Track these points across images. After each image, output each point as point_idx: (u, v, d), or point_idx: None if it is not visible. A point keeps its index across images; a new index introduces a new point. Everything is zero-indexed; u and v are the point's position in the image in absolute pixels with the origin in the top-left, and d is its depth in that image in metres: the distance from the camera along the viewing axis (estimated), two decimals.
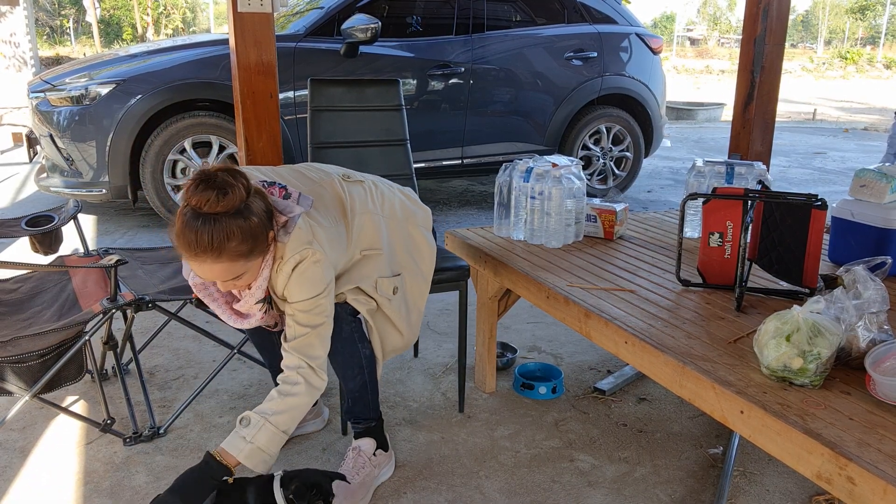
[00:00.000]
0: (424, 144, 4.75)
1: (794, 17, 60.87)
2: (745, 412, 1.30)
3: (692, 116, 12.10)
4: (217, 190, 1.42)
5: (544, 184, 2.22)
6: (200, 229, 1.42)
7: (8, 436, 2.10)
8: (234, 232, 1.43)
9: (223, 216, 1.42)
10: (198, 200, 1.42)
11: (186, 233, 1.43)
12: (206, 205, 1.41)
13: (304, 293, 1.58)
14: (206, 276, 1.52)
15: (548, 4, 5.25)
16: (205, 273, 1.50)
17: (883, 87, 22.60)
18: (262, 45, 2.74)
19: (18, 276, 2.35)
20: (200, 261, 1.46)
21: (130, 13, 25.79)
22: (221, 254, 1.44)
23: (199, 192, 1.42)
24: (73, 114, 4.15)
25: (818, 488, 1.89)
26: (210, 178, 1.44)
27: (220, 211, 1.42)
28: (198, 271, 1.51)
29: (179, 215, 1.45)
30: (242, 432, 1.52)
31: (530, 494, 1.88)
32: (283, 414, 1.55)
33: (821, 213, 1.70)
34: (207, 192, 1.41)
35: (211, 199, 1.41)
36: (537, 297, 1.97)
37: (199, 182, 1.43)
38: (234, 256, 1.46)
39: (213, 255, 1.44)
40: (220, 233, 1.42)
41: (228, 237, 1.43)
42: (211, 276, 1.51)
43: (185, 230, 1.43)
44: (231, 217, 1.43)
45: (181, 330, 2.80)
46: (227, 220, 1.43)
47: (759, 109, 3.30)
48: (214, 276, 1.50)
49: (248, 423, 1.53)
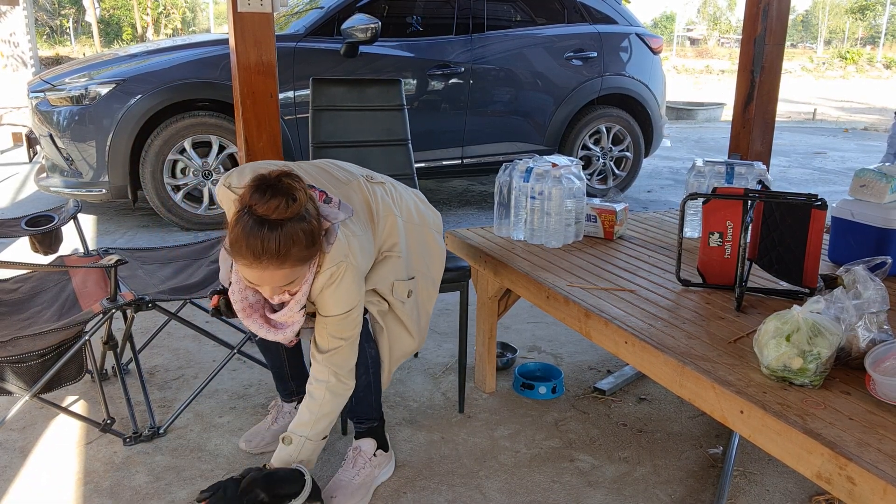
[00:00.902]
0: (425, 144, 4.75)
1: (794, 17, 60.88)
2: (744, 412, 1.30)
3: (692, 116, 12.11)
4: (286, 196, 1.40)
5: (544, 184, 2.22)
6: (267, 236, 1.39)
7: (8, 436, 2.10)
8: (299, 236, 1.42)
9: (288, 221, 1.41)
10: (266, 208, 1.39)
11: (251, 240, 1.40)
12: (275, 212, 1.39)
13: (339, 308, 1.59)
14: (262, 282, 1.48)
15: (548, 4, 5.25)
16: (263, 279, 1.47)
17: (883, 87, 22.60)
18: (262, 45, 2.74)
19: (18, 276, 2.35)
20: (263, 267, 1.43)
21: (130, 13, 25.80)
22: (286, 260, 1.43)
23: (268, 200, 1.39)
24: (72, 114, 4.15)
25: (818, 488, 1.90)
26: (274, 184, 1.42)
27: (287, 217, 1.41)
28: (254, 277, 1.47)
29: (238, 222, 1.42)
30: (287, 450, 1.67)
31: (530, 494, 1.88)
32: (318, 426, 1.68)
33: (821, 213, 1.70)
34: (276, 199, 1.39)
35: (280, 206, 1.39)
36: (537, 297, 1.97)
37: (264, 189, 1.41)
38: (296, 262, 1.46)
39: (279, 261, 1.42)
40: (287, 238, 1.41)
41: (294, 242, 1.42)
42: (269, 282, 1.48)
43: (250, 237, 1.40)
44: (296, 221, 1.42)
45: (181, 330, 2.80)
46: (292, 225, 1.41)
47: (759, 109, 3.30)
48: (273, 282, 1.48)
49: (291, 443, 1.67)
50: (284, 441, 1.68)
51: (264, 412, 2.24)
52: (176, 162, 4.34)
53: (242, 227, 1.41)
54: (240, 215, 1.42)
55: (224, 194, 1.62)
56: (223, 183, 1.62)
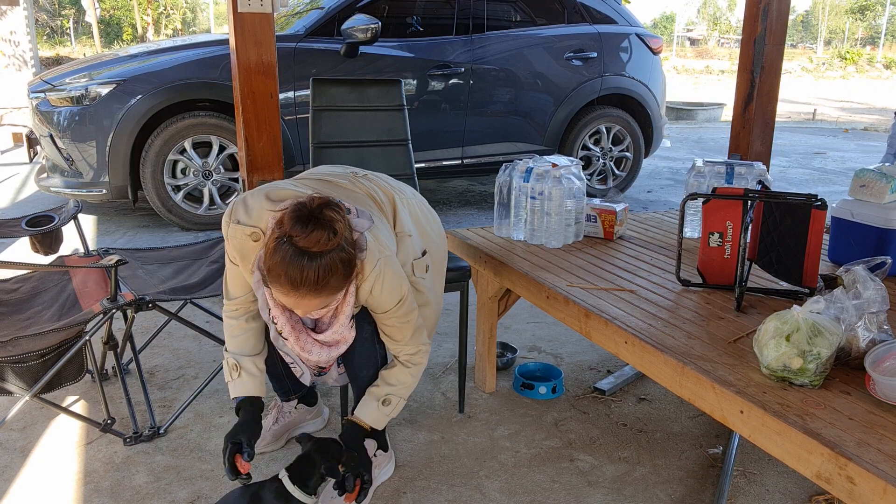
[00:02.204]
0: (425, 144, 4.75)
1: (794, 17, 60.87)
2: (744, 412, 1.30)
3: (692, 116, 12.11)
4: (328, 230, 1.40)
5: (544, 184, 2.23)
6: (307, 266, 1.40)
7: (8, 436, 2.10)
8: (338, 267, 1.43)
9: (327, 253, 1.41)
10: (307, 241, 1.39)
11: (291, 270, 1.40)
12: (317, 245, 1.39)
13: (394, 300, 1.63)
14: (297, 308, 1.51)
15: (548, 4, 5.25)
16: (298, 305, 1.48)
17: (883, 87, 22.60)
18: (262, 45, 2.74)
19: (19, 276, 2.35)
20: (300, 296, 1.44)
21: (130, 13, 25.80)
22: (324, 289, 1.44)
23: (310, 232, 1.39)
24: (73, 114, 4.15)
25: (818, 488, 1.90)
26: (315, 215, 1.41)
27: (327, 249, 1.41)
28: (289, 303, 1.49)
29: (277, 250, 1.41)
30: (385, 410, 1.75)
31: (530, 494, 1.88)
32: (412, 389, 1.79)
33: (821, 213, 1.70)
34: (318, 233, 1.39)
35: (322, 240, 1.39)
36: (537, 297, 1.97)
37: (305, 220, 1.40)
38: (333, 290, 1.47)
39: (316, 290, 1.43)
40: (325, 269, 1.41)
41: (333, 272, 1.43)
42: (305, 308, 1.50)
43: (290, 267, 1.40)
44: (335, 252, 1.42)
45: (181, 330, 2.80)
46: (332, 256, 1.42)
47: (759, 109, 3.30)
48: (308, 308, 1.50)
49: (390, 403, 1.75)
50: (384, 402, 1.73)
51: (264, 412, 2.24)
52: (176, 162, 4.34)
53: (282, 256, 1.40)
54: (279, 243, 1.41)
55: (234, 231, 1.58)
56: (230, 220, 1.59)
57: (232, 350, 1.74)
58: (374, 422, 1.74)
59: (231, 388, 1.74)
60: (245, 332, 1.74)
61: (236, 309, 1.72)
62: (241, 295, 1.70)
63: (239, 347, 1.74)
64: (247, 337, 1.74)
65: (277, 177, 2.88)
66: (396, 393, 1.75)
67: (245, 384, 1.73)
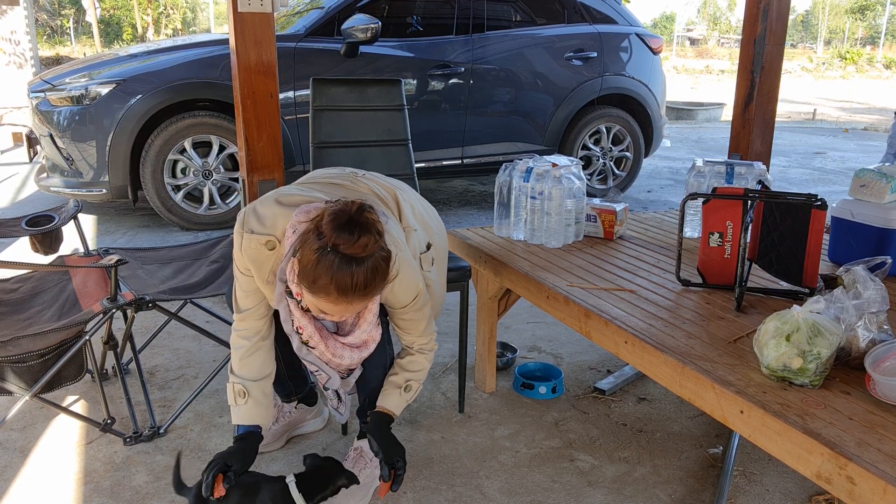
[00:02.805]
0: (425, 144, 4.75)
1: (794, 17, 60.87)
2: (744, 412, 1.30)
3: (692, 116, 12.11)
4: (373, 233, 1.40)
5: (544, 184, 2.22)
6: (356, 272, 1.39)
7: (8, 436, 2.10)
8: (382, 266, 1.44)
9: (372, 255, 1.41)
10: (355, 248, 1.38)
11: (340, 278, 1.38)
12: (366, 250, 1.39)
13: (412, 295, 1.65)
14: (341, 313, 1.50)
15: (548, 4, 5.25)
16: (342, 311, 1.48)
17: (883, 87, 22.60)
18: (262, 45, 2.74)
19: (19, 276, 2.35)
20: (347, 301, 1.43)
21: (130, 13, 25.79)
22: (372, 291, 1.45)
23: (356, 240, 1.38)
24: (73, 114, 4.15)
25: (818, 488, 1.90)
26: (356, 221, 1.40)
27: (372, 252, 1.41)
28: (334, 310, 1.47)
29: (321, 260, 1.38)
30: (406, 396, 1.77)
31: (530, 494, 1.88)
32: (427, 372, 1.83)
33: (821, 213, 1.70)
34: (364, 238, 1.38)
35: (370, 244, 1.39)
36: (537, 297, 1.97)
37: (350, 227, 1.39)
38: (378, 290, 1.48)
39: (364, 294, 1.43)
40: (373, 272, 1.42)
41: (379, 273, 1.43)
42: (348, 312, 1.50)
43: (339, 275, 1.38)
44: (378, 252, 1.42)
45: (181, 330, 2.80)
46: (375, 257, 1.42)
47: (759, 109, 3.30)
48: (351, 312, 1.51)
49: (410, 389, 1.77)
50: (406, 389, 1.76)
51: None
52: (176, 162, 4.34)
53: (328, 265, 1.38)
54: (322, 253, 1.39)
55: (248, 242, 1.55)
56: (243, 230, 1.56)
57: (240, 375, 1.68)
58: (396, 407, 1.76)
59: (235, 413, 1.68)
60: (255, 353, 1.69)
61: (247, 328, 1.68)
62: (252, 306, 1.66)
63: (248, 371, 1.68)
64: (257, 358, 1.69)
65: (277, 177, 2.88)
66: (416, 378, 1.78)
67: (251, 412, 1.68)
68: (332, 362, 1.68)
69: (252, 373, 1.68)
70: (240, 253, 1.58)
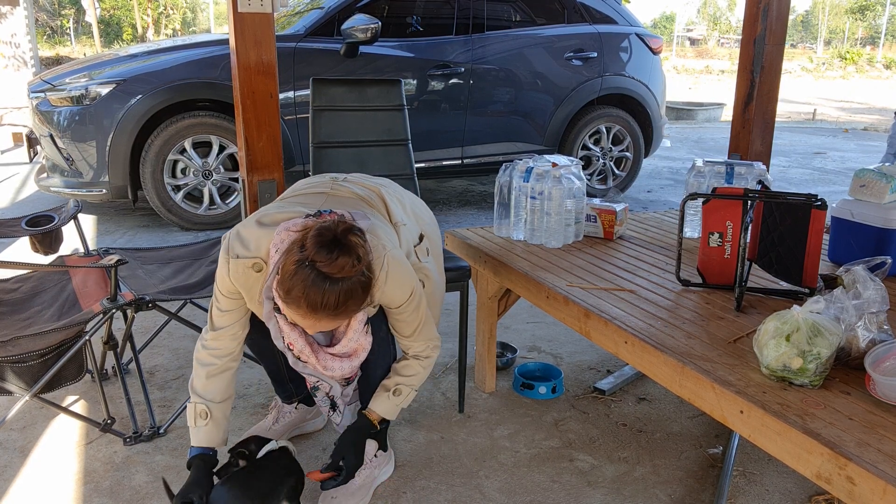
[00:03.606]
0: (424, 144, 4.75)
1: (794, 17, 60.87)
2: (744, 412, 1.30)
3: (692, 116, 12.11)
4: (352, 257, 1.40)
5: (544, 184, 2.22)
6: (328, 291, 1.39)
7: (8, 436, 2.10)
8: (357, 291, 1.43)
9: (349, 278, 1.41)
10: (332, 268, 1.38)
11: (311, 294, 1.39)
12: (342, 272, 1.39)
13: (404, 294, 1.63)
14: (312, 328, 1.51)
15: (548, 4, 5.25)
16: (313, 326, 1.49)
17: (883, 87, 22.60)
18: (262, 45, 2.73)
19: (18, 275, 2.35)
20: (316, 318, 1.44)
21: (130, 13, 25.79)
22: (343, 313, 1.45)
23: (334, 259, 1.38)
24: (73, 114, 4.15)
25: (818, 488, 1.90)
26: (339, 241, 1.40)
27: (350, 275, 1.41)
28: (305, 324, 1.49)
29: (297, 273, 1.39)
30: (396, 401, 1.76)
31: (530, 494, 1.88)
32: (423, 381, 1.80)
33: (821, 213, 1.70)
34: (343, 259, 1.39)
35: (346, 266, 1.39)
36: (537, 297, 1.97)
37: (331, 246, 1.39)
38: (351, 312, 1.48)
39: (335, 314, 1.43)
40: (346, 294, 1.41)
41: (352, 296, 1.43)
42: (318, 328, 1.51)
43: (310, 292, 1.39)
44: (356, 277, 1.42)
45: (181, 330, 2.80)
46: (353, 281, 1.41)
47: (759, 109, 3.30)
48: (322, 328, 1.51)
49: (400, 394, 1.76)
50: (395, 392, 1.74)
51: (264, 412, 2.24)
52: (176, 162, 4.34)
53: (303, 279, 1.39)
54: (300, 266, 1.39)
55: (235, 267, 1.56)
56: (228, 257, 1.57)
57: (203, 395, 1.67)
58: (385, 412, 1.75)
59: (193, 435, 1.68)
60: (222, 374, 1.69)
61: (219, 347, 1.68)
62: (227, 325, 1.66)
63: (212, 392, 1.68)
64: (223, 379, 1.70)
65: (277, 177, 2.88)
66: (407, 383, 1.76)
67: (210, 434, 1.68)
68: (326, 375, 1.69)
69: (216, 394, 1.68)
70: (227, 278, 1.58)
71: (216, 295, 1.65)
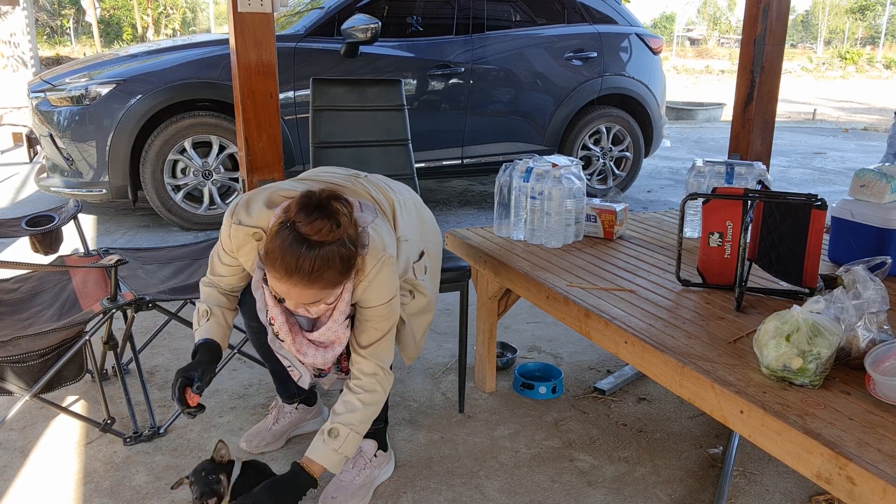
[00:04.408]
0: (424, 144, 4.75)
1: (794, 17, 60.88)
2: (744, 412, 1.30)
3: (692, 116, 12.11)
4: (331, 220, 1.39)
5: (544, 184, 2.23)
6: (304, 255, 1.38)
7: (8, 436, 2.10)
8: (335, 262, 1.42)
9: (327, 244, 1.40)
10: (309, 228, 1.38)
11: (286, 256, 1.39)
12: (318, 234, 1.38)
13: (382, 297, 1.60)
14: (288, 297, 1.49)
15: (548, 4, 5.25)
16: (289, 294, 1.47)
17: (883, 87, 22.60)
18: (262, 45, 2.74)
19: (18, 276, 2.35)
20: (291, 283, 1.42)
21: (130, 13, 25.80)
22: (317, 281, 1.42)
23: (312, 220, 1.38)
24: (73, 114, 4.15)
25: (818, 488, 1.90)
26: (322, 204, 1.40)
27: (328, 240, 1.40)
28: (281, 290, 1.47)
29: (278, 234, 1.40)
30: (333, 444, 1.61)
31: (530, 494, 1.88)
32: (365, 422, 1.66)
33: (821, 213, 1.70)
34: (321, 222, 1.38)
35: (324, 229, 1.38)
36: (537, 297, 1.97)
37: (311, 208, 1.40)
38: (327, 284, 1.45)
39: (309, 281, 1.42)
40: (322, 261, 1.40)
41: (329, 266, 1.41)
42: (295, 298, 1.48)
43: (286, 253, 1.39)
44: (336, 246, 1.41)
45: (181, 330, 2.80)
46: (331, 249, 1.40)
47: (759, 109, 3.30)
48: (298, 298, 1.48)
49: (338, 435, 1.61)
50: (330, 434, 1.61)
51: (264, 412, 2.24)
52: (176, 162, 4.34)
53: (282, 241, 1.40)
54: (281, 227, 1.41)
55: (235, 232, 1.58)
56: (231, 220, 1.58)
57: (206, 300, 1.76)
58: (323, 460, 1.61)
59: (197, 332, 1.74)
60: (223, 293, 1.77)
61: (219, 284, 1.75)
62: (225, 276, 1.72)
63: (215, 299, 1.75)
64: (224, 294, 1.77)
65: (277, 177, 2.88)
66: (344, 421, 1.61)
67: (211, 328, 1.72)
68: (298, 358, 1.68)
69: (220, 302, 1.76)
70: (228, 239, 1.62)
71: (218, 246, 1.68)
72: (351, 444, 1.63)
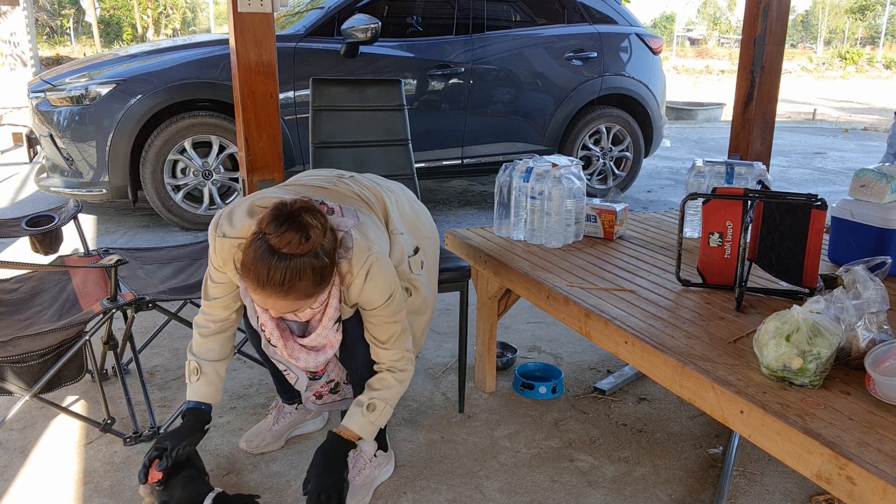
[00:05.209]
0: (424, 144, 4.75)
1: (794, 17, 60.88)
2: (744, 412, 1.30)
3: (692, 116, 12.11)
4: (300, 233, 1.40)
5: (544, 184, 2.23)
6: (274, 266, 1.40)
7: (8, 436, 2.10)
8: (307, 273, 1.43)
9: (298, 256, 1.41)
10: (279, 241, 1.39)
11: (258, 267, 1.41)
12: (287, 246, 1.40)
13: (382, 297, 1.61)
14: (265, 306, 1.52)
15: (548, 4, 5.25)
16: (266, 304, 1.50)
17: (883, 87, 22.60)
18: (262, 45, 2.74)
19: (18, 276, 2.35)
20: (266, 294, 1.45)
21: (130, 13, 25.80)
22: (290, 292, 1.44)
23: (282, 233, 1.39)
24: (73, 114, 4.15)
25: (818, 488, 1.90)
26: (292, 216, 1.41)
27: (297, 252, 1.41)
28: (258, 300, 1.50)
29: (251, 245, 1.43)
30: (370, 417, 1.70)
31: (530, 494, 1.88)
32: (397, 397, 1.74)
33: (821, 213, 1.70)
34: (290, 234, 1.39)
35: (293, 242, 1.39)
36: (537, 297, 1.97)
37: (281, 220, 1.41)
38: (301, 295, 1.47)
39: (282, 292, 1.43)
40: (293, 272, 1.41)
41: (301, 278, 1.43)
42: (272, 307, 1.51)
43: (258, 265, 1.41)
44: (307, 258, 1.42)
45: (181, 330, 2.80)
46: (302, 261, 1.42)
47: (759, 109, 3.30)
48: (276, 308, 1.51)
49: (374, 409, 1.70)
50: (368, 408, 1.68)
51: (264, 412, 2.24)
52: (176, 162, 4.34)
53: (254, 251, 1.42)
54: (253, 238, 1.43)
55: (220, 245, 1.59)
56: (216, 234, 1.59)
57: (197, 352, 1.75)
58: (360, 430, 1.70)
59: (189, 390, 1.75)
60: (217, 335, 1.75)
61: (213, 314, 1.74)
62: (220, 296, 1.71)
63: (206, 352, 1.74)
64: (217, 340, 1.75)
65: (277, 177, 2.88)
66: (380, 397, 1.70)
67: (201, 389, 1.73)
68: (291, 363, 1.69)
69: (210, 354, 1.74)
70: (214, 255, 1.62)
71: (209, 268, 1.68)
72: (384, 418, 1.72)
